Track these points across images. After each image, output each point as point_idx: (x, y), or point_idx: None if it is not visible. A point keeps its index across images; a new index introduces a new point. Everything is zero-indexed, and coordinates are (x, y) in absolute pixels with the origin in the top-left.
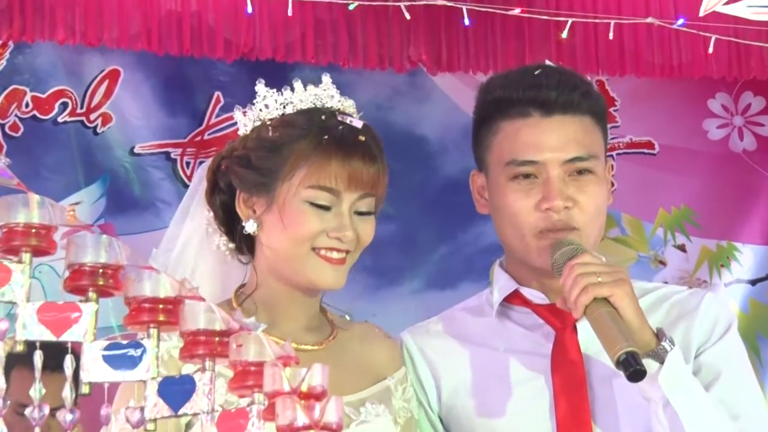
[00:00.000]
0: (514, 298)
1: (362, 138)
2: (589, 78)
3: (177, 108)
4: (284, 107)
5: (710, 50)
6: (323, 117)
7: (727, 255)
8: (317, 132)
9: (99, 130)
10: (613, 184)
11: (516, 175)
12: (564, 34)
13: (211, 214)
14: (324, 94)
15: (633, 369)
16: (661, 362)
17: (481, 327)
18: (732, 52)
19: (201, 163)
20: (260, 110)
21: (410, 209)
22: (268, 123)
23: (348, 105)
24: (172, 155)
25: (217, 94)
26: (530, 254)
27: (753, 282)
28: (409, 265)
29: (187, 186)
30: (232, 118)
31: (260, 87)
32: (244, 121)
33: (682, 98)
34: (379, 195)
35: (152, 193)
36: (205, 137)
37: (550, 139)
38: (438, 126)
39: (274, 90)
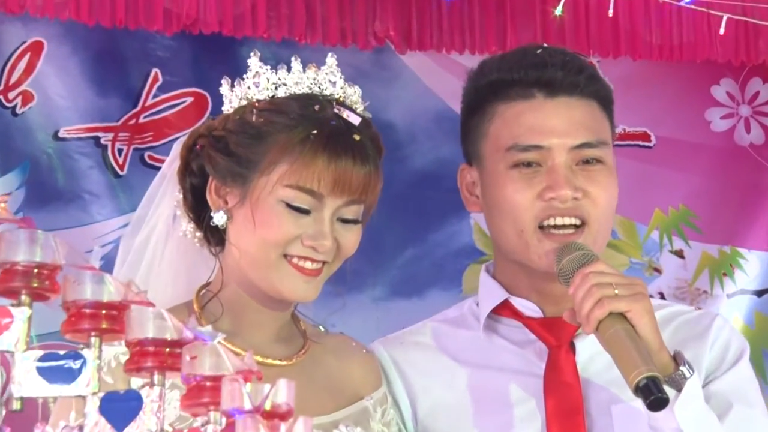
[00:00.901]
0: (502, 310)
1: (357, 137)
2: None
3: (108, 87)
4: (276, 88)
5: (722, 31)
6: (317, 107)
7: (731, 262)
8: (306, 124)
9: (18, 111)
10: None
11: (517, 162)
12: (558, 11)
13: (181, 195)
14: (324, 79)
15: (655, 397)
16: (679, 390)
17: (464, 341)
18: (740, 33)
19: (136, 150)
20: (249, 88)
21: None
22: (255, 104)
23: (351, 94)
24: (102, 141)
25: (155, 71)
26: (529, 254)
27: (759, 293)
28: (371, 269)
29: (118, 176)
30: (171, 98)
31: (253, 60)
32: (230, 97)
33: (683, 84)
34: (369, 202)
35: (79, 183)
36: (141, 120)
37: (556, 122)
38: (407, 111)
39: (268, 67)
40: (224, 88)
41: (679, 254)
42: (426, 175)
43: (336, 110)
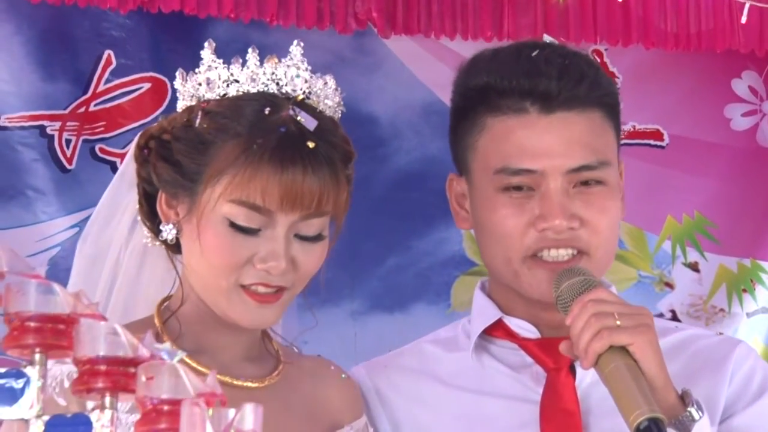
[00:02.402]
0: (496, 330)
1: (311, 144)
2: (584, 48)
3: (56, 70)
4: (227, 86)
5: (743, 19)
6: (268, 110)
7: (751, 277)
8: (252, 132)
9: None
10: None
11: (507, 186)
12: None
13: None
14: (285, 73)
15: None
16: None
17: (454, 364)
18: (765, 20)
19: (86, 142)
20: (199, 84)
21: (351, 209)
22: (202, 105)
23: (319, 88)
24: (48, 130)
25: (108, 53)
26: (521, 283)
27: None
28: (348, 279)
29: (66, 170)
30: (126, 84)
31: (206, 53)
32: (182, 91)
33: (700, 77)
34: (334, 212)
35: (21, 178)
36: (91, 108)
37: (550, 142)
38: (390, 103)
39: (221, 60)
40: (177, 81)
41: (694, 267)
42: (411, 175)
43: (291, 112)
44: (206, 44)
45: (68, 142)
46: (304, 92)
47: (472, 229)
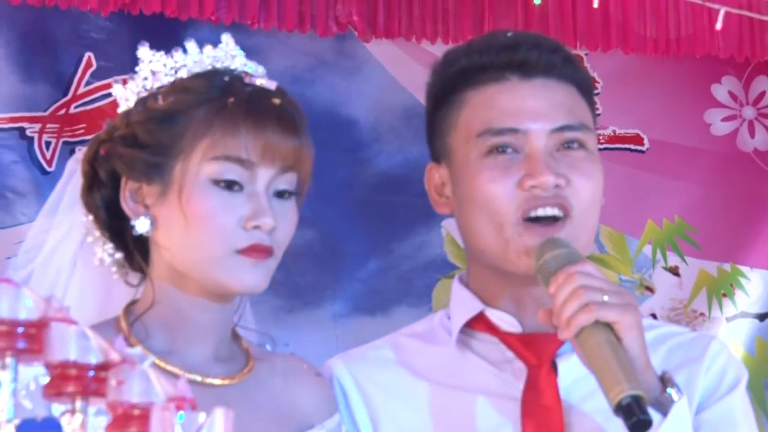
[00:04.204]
0: (477, 323)
1: (277, 101)
2: None
3: (36, 72)
4: (176, 72)
5: (718, 25)
6: (226, 78)
7: (731, 282)
8: (220, 95)
9: None
10: None
11: (491, 148)
12: (537, 0)
13: (90, 218)
14: (225, 54)
15: (637, 419)
16: (664, 414)
17: (434, 358)
18: (744, 26)
19: (66, 144)
20: (145, 79)
21: (333, 212)
22: (156, 91)
23: (256, 68)
24: (28, 132)
25: (88, 55)
26: (509, 254)
27: (761, 317)
28: (330, 282)
29: (46, 173)
30: (107, 86)
31: (143, 51)
32: (125, 95)
33: (680, 82)
34: (304, 172)
35: (1, 180)
36: (72, 110)
37: (532, 103)
38: (371, 106)
39: (162, 53)
40: (116, 88)
41: (674, 271)
42: (392, 178)
43: (247, 80)
44: (140, 44)
45: (48, 144)
46: (244, 69)
47: (454, 212)
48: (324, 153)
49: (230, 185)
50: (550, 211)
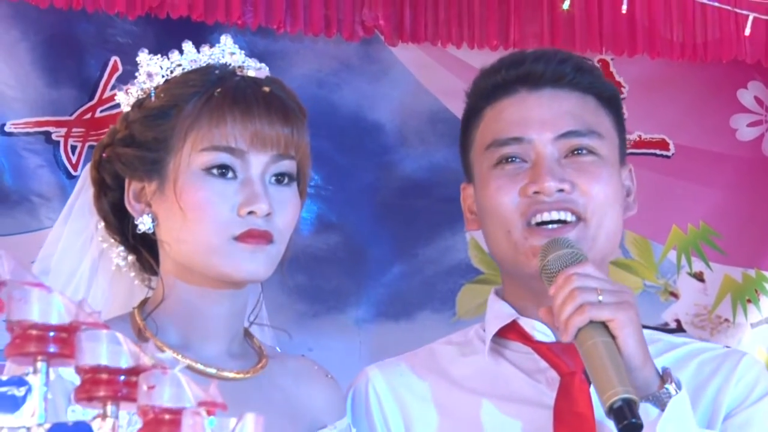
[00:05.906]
0: (510, 332)
1: (267, 88)
2: (590, 58)
3: (62, 76)
4: (171, 72)
5: (747, 31)
6: (217, 71)
7: (756, 287)
8: (208, 86)
9: None
10: (628, 193)
11: (499, 159)
12: (566, 5)
13: (102, 224)
14: (223, 52)
15: (628, 422)
16: (662, 408)
17: (469, 367)
18: None
19: (91, 148)
20: (143, 82)
21: (357, 217)
22: (152, 91)
23: (253, 64)
24: (54, 137)
25: (115, 59)
26: (518, 256)
27: None
28: (354, 287)
29: (71, 177)
30: None
31: (142, 56)
32: (128, 101)
33: (706, 87)
34: (301, 159)
35: (26, 184)
36: (97, 115)
37: (537, 112)
38: (397, 111)
39: (158, 56)
40: (119, 96)
41: (699, 277)
42: (417, 183)
43: (239, 73)
44: (140, 52)
45: (74, 148)
46: (239, 64)
47: (480, 228)
48: (349, 157)
49: (223, 173)
50: (555, 215)
